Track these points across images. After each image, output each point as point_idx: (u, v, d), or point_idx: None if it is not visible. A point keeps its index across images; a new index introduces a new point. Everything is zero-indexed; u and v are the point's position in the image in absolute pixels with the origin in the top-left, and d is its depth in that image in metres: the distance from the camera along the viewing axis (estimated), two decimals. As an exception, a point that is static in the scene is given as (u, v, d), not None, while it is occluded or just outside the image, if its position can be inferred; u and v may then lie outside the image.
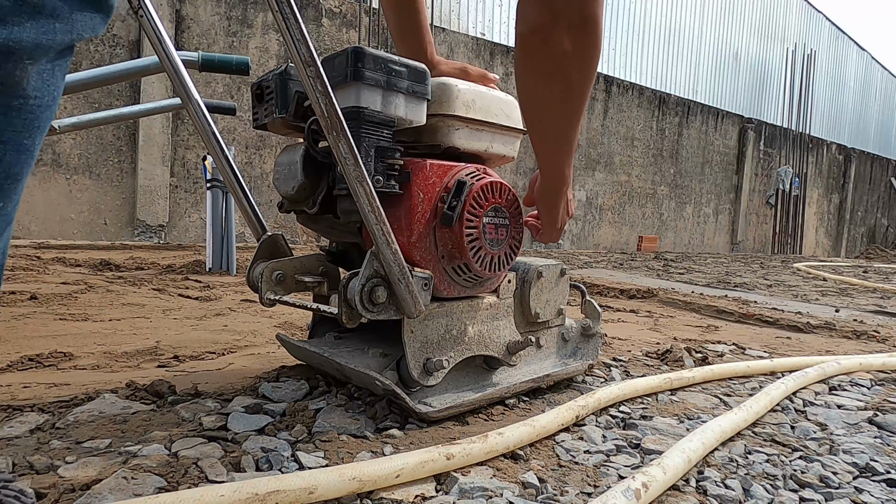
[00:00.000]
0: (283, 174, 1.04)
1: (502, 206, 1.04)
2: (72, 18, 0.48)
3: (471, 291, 1.07)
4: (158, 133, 5.12)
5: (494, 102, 1.10)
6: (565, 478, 0.83)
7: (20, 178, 0.49)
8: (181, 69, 0.99)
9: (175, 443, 0.85)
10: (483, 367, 1.12)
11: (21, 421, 0.91)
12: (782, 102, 11.69)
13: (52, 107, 0.50)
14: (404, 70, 0.95)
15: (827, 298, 3.45)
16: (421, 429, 0.96)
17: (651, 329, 2.15)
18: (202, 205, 5.37)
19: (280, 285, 1.04)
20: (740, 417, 1.04)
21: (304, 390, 1.10)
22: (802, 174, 11.54)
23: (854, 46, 13.73)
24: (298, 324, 1.86)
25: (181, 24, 5.18)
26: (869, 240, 14.25)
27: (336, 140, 0.77)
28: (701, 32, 10.26)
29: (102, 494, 0.69)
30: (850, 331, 2.20)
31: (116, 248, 4.45)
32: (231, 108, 1.74)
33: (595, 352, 1.33)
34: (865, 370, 1.55)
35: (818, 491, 0.83)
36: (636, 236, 9.23)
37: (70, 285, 2.36)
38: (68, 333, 1.57)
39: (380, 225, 0.84)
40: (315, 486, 0.69)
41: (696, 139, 9.92)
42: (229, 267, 3.12)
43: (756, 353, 1.75)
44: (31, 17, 0.45)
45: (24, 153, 0.49)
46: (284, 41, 0.70)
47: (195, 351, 1.45)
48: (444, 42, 6.85)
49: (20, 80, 0.46)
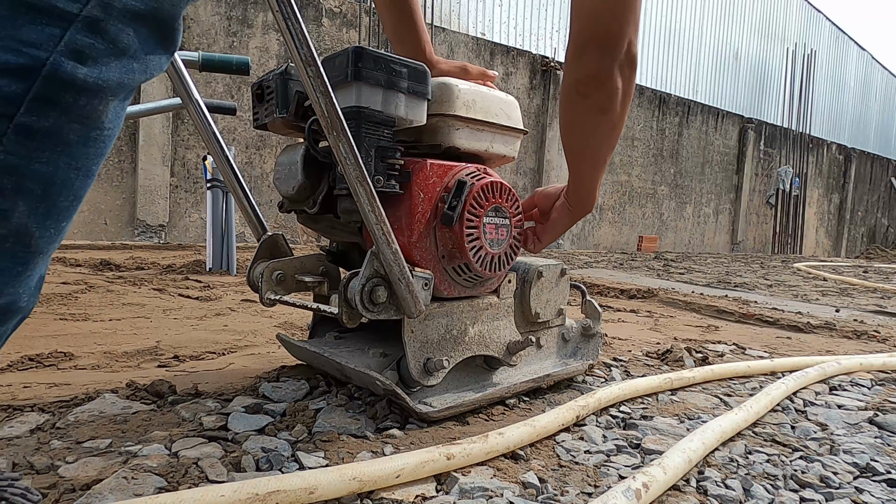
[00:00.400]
0: (283, 174, 1.04)
1: (503, 205, 1.04)
2: (147, 59, 0.53)
3: (471, 291, 1.07)
4: (159, 133, 5.12)
5: (495, 102, 1.10)
6: (566, 478, 0.83)
7: (82, 200, 0.54)
8: (181, 69, 0.99)
9: (175, 443, 0.85)
10: (483, 367, 1.12)
11: (21, 421, 0.91)
12: (782, 102, 11.69)
13: (116, 136, 0.55)
14: (405, 70, 0.95)
15: (827, 298, 3.45)
16: (421, 429, 0.96)
17: (651, 329, 2.15)
18: (202, 205, 5.38)
19: (280, 285, 1.04)
20: (741, 417, 1.04)
21: (304, 390, 1.10)
22: (802, 174, 11.54)
23: (854, 46, 13.74)
24: (298, 324, 1.86)
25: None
26: (869, 240, 14.25)
27: (336, 140, 0.77)
28: (701, 32, 10.26)
29: (102, 494, 0.69)
30: (851, 331, 2.20)
31: (116, 247, 4.45)
32: (231, 107, 1.74)
33: (595, 352, 1.33)
34: (866, 370, 1.55)
35: (818, 491, 0.83)
36: (636, 236, 9.23)
37: (70, 285, 2.36)
38: (68, 333, 1.57)
39: (380, 225, 0.84)
40: (315, 486, 0.69)
41: (696, 139, 9.92)
42: (229, 267, 3.12)
43: (756, 353, 1.75)
44: (118, 58, 0.50)
45: (90, 178, 0.53)
46: (285, 41, 0.70)
47: (195, 351, 1.45)
48: (444, 42, 6.85)
49: (101, 114, 0.51)
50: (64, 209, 0.52)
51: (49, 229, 0.51)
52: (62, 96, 0.47)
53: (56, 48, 0.46)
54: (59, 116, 0.47)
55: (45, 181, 0.49)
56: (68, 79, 0.46)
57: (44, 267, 0.54)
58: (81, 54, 0.47)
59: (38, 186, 0.48)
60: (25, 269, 0.50)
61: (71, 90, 0.47)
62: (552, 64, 7.85)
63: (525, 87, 7.75)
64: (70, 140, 0.49)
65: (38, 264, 0.52)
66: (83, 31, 0.47)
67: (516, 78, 7.65)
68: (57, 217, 0.51)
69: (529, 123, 7.70)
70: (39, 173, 0.48)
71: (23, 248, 0.49)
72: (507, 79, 7.52)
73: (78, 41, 0.47)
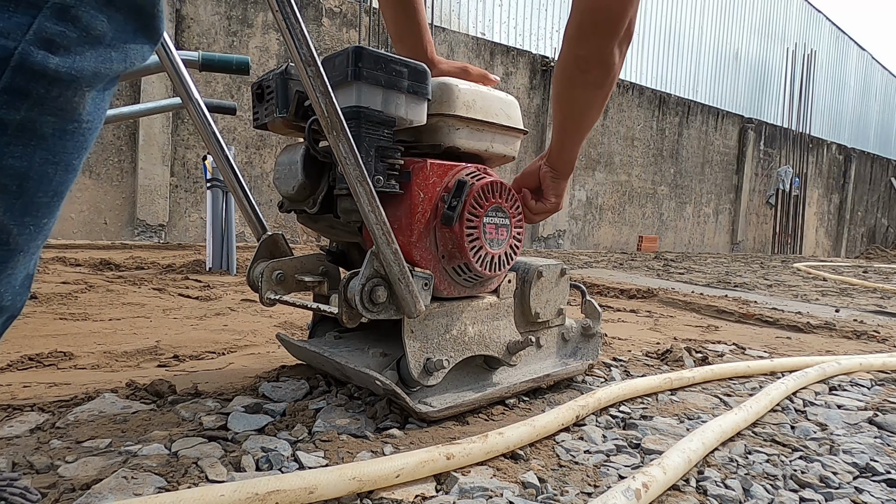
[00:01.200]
0: (283, 174, 1.04)
1: (503, 205, 1.04)
2: (126, 48, 0.51)
3: (471, 291, 1.07)
4: (158, 133, 5.12)
5: (495, 102, 1.10)
6: (565, 478, 0.83)
7: (64, 196, 0.52)
8: (181, 69, 0.99)
9: (175, 442, 0.85)
10: (483, 366, 1.12)
11: (21, 420, 0.91)
12: (782, 102, 11.69)
13: (98, 129, 0.53)
14: (405, 70, 0.95)
15: (827, 298, 3.45)
16: (421, 428, 0.96)
17: (651, 329, 2.15)
18: (202, 204, 5.37)
19: (280, 285, 1.04)
20: (740, 417, 1.04)
21: (304, 390, 1.10)
22: (802, 174, 11.54)
23: (854, 46, 13.74)
24: (298, 323, 1.86)
25: (181, 23, 5.18)
26: (869, 240, 14.25)
27: (336, 140, 0.77)
28: (701, 32, 10.26)
29: (102, 494, 0.69)
30: (851, 331, 2.20)
31: (116, 247, 4.45)
32: (231, 107, 1.74)
33: (595, 352, 1.33)
34: (865, 370, 1.55)
35: (818, 491, 0.83)
36: (636, 236, 9.23)
37: (70, 285, 2.36)
38: (68, 333, 1.57)
39: (380, 225, 0.84)
40: (315, 486, 0.69)
41: (696, 139, 9.92)
42: (229, 266, 3.12)
43: (756, 353, 1.75)
44: (93, 47, 0.48)
45: (71, 172, 0.51)
46: (285, 41, 0.70)
47: (195, 350, 1.45)
48: (444, 42, 6.85)
49: (77, 105, 0.49)
50: (43, 205, 0.50)
51: (28, 226, 0.49)
52: (33, 87, 0.45)
53: (24, 37, 0.43)
54: (31, 109, 0.45)
55: (21, 176, 0.47)
56: (39, 69, 0.44)
57: (30, 264, 0.53)
58: (52, 43, 0.45)
59: (12, 182, 0.46)
60: (5, 267, 0.49)
61: (42, 81, 0.45)
62: (552, 64, 7.85)
63: (525, 87, 7.75)
64: (45, 133, 0.47)
65: (19, 262, 0.50)
66: (53, 18, 0.45)
67: (516, 78, 7.65)
68: (36, 213, 0.50)
69: (529, 123, 7.70)
70: (13, 168, 0.46)
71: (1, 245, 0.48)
72: (507, 79, 7.52)
73: (48, 29, 0.44)
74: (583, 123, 1.07)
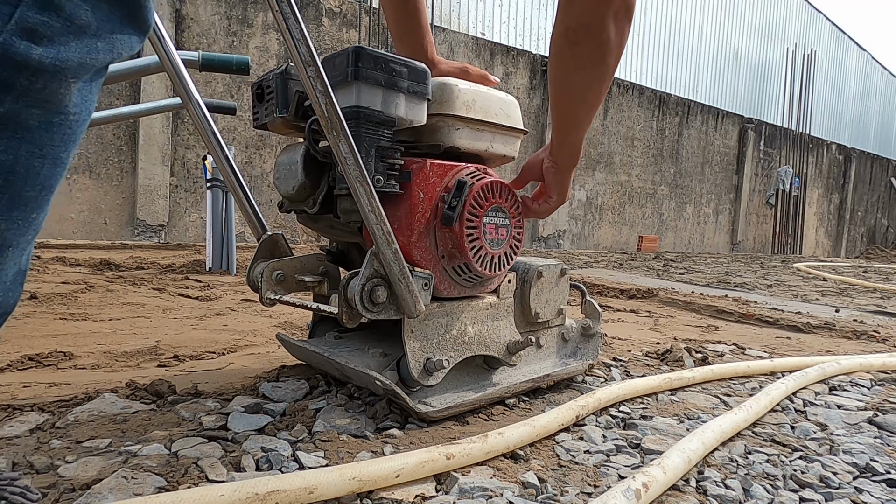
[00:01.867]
0: (283, 174, 1.04)
1: (503, 205, 1.04)
2: (113, 38, 0.50)
3: (471, 291, 1.07)
4: (158, 132, 5.12)
5: (495, 102, 1.10)
6: (565, 478, 0.83)
7: (53, 190, 0.51)
8: (181, 69, 0.99)
9: (175, 442, 0.85)
10: (483, 366, 1.12)
11: (21, 420, 0.91)
12: (782, 102, 11.69)
13: (87, 121, 0.52)
14: (405, 70, 0.95)
15: (827, 298, 3.45)
16: (421, 429, 0.96)
17: (651, 329, 2.15)
18: (202, 204, 5.37)
19: (280, 285, 1.04)
20: (740, 417, 1.04)
21: (304, 390, 1.10)
22: (802, 174, 11.54)
23: (854, 46, 13.73)
24: (298, 323, 1.86)
25: (181, 23, 5.18)
26: (869, 240, 14.25)
27: (336, 140, 0.77)
28: (701, 32, 10.26)
29: (102, 494, 0.69)
30: (850, 331, 2.20)
31: (116, 247, 4.45)
32: (231, 107, 1.74)
33: (595, 352, 1.33)
34: (865, 370, 1.55)
35: (818, 491, 0.83)
36: (636, 236, 9.23)
37: (70, 285, 2.36)
38: (68, 333, 1.57)
39: (380, 225, 0.84)
40: (315, 486, 0.69)
41: (696, 139, 9.92)
42: (229, 266, 3.12)
43: (756, 353, 1.75)
44: (77, 37, 0.47)
45: (59, 166, 0.50)
46: (284, 41, 0.70)
47: (195, 350, 1.45)
48: (444, 42, 6.85)
49: (63, 97, 0.48)
50: (31, 199, 0.49)
51: (16, 221, 0.49)
52: (16, 79, 0.44)
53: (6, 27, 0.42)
54: (15, 101, 0.45)
55: (6, 170, 0.46)
56: (22, 59, 0.43)
57: (21, 259, 0.52)
58: (35, 33, 0.44)
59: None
60: None
61: (25, 72, 0.44)
62: (552, 64, 7.83)
63: (525, 87, 7.75)
64: (30, 126, 0.46)
65: (8, 257, 0.50)
66: (35, 7, 0.44)
67: (516, 78, 7.65)
68: (24, 208, 0.49)
69: (529, 123, 7.70)
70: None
71: None
72: (507, 79, 7.52)
73: (30, 19, 0.43)
74: (579, 109, 0.99)
